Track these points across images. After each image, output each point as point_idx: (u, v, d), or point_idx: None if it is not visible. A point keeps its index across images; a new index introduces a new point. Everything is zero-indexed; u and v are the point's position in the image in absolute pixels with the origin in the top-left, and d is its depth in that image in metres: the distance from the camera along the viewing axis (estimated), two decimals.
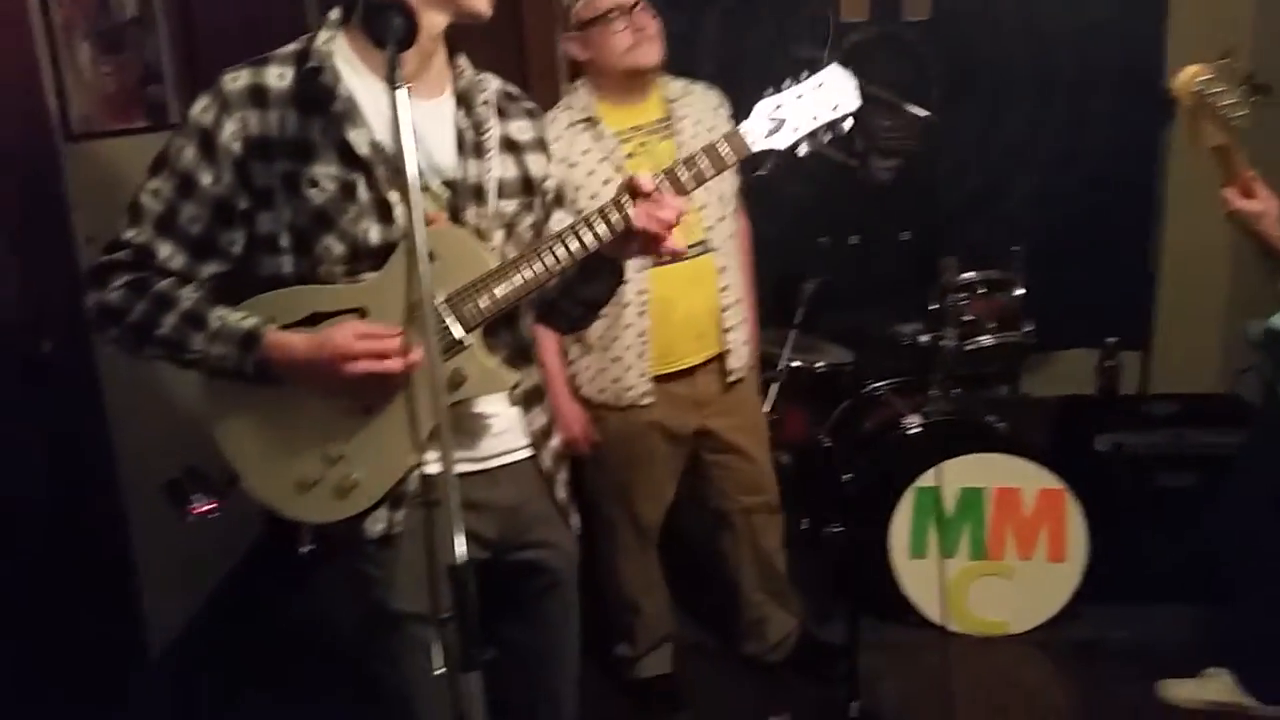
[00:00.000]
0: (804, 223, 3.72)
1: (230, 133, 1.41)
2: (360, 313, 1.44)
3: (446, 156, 1.50)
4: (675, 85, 2.41)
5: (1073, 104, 3.81)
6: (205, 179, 1.42)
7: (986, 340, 3.07)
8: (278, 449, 1.48)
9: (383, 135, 1.44)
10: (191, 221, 1.43)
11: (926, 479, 2.82)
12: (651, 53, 2.28)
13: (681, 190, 1.48)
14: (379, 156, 1.43)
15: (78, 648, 2.25)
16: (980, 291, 3.10)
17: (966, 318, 3.07)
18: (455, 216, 1.49)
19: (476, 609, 1.13)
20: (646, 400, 2.41)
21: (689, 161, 1.48)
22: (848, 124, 1.51)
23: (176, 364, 1.46)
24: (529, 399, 1.61)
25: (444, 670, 1.15)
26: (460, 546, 1.11)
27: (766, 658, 2.76)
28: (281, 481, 1.48)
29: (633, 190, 1.45)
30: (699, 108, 2.39)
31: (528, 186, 1.59)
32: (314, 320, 1.44)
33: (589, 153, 2.27)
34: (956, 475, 2.82)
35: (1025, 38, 3.77)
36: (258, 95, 1.42)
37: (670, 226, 1.45)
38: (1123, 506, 2.97)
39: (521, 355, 1.59)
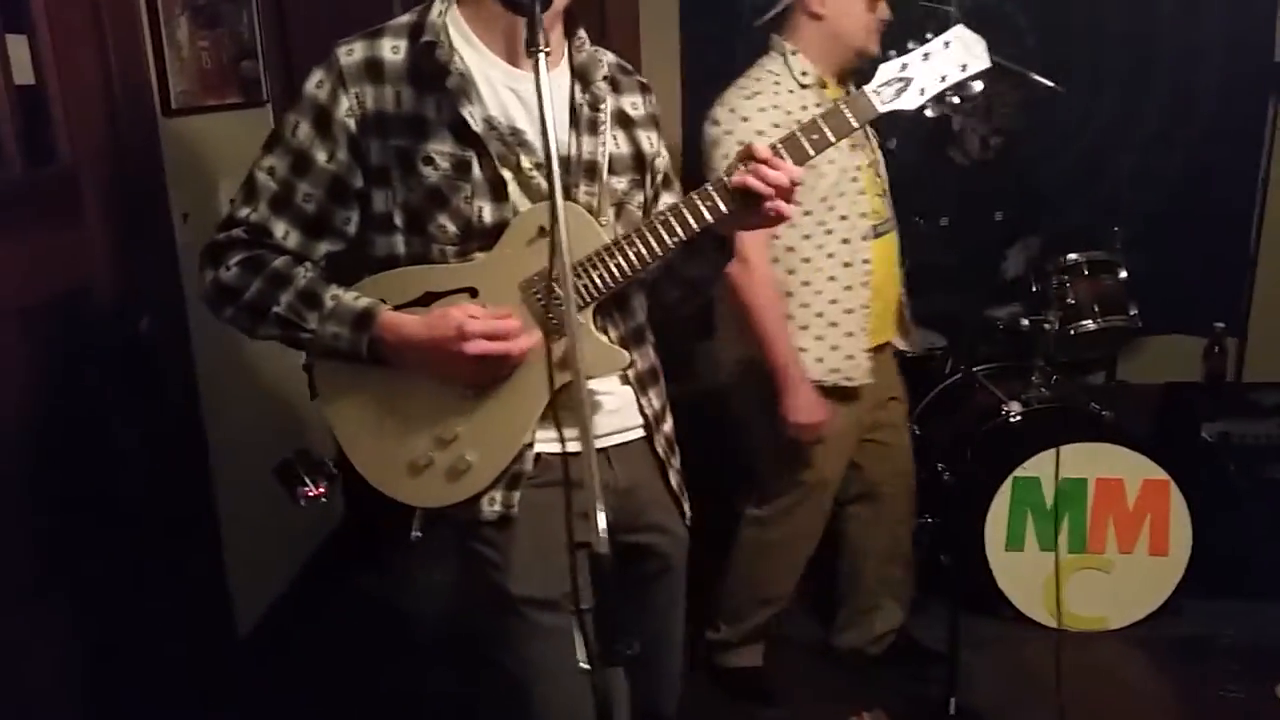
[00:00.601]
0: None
1: (346, 109, 1.38)
2: (471, 292, 1.41)
3: (559, 131, 1.44)
4: None
5: (1175, 78, 3.64)
6: (320, 156, 1.39)
7: (1090, 324, 2.95)
8: (389, 432, 1.45)
9: (496, 111, 1.40)
10: (306, 199, 1.40)
11: (1026, 469, 2.72)
12: (876, 44, 2.23)
13: (804, 157, 1.41)
14: (492, 134, 1.39)
15: (167, 626, 2.26)
16: (1084, 274, 2.98)
17: (1069, 300, 2.95)
18: (566, 193, 1.43)
19: (619, 597, 1.07)
20: (869, 379, 2.30)
21: (809, 127, 1.41)
22: (978, 85, 1.43)
23: (290, 344, 1.43)
24: (643, 381, 1.56)
25: (585, 664, 1.09)
26: (603, 529, 1.05)
27: (867, 650, 2.67)
28: (394, 465, 1.45)
29: (750, 158, 1.39)
30: None
31: (639, 163, 1.55)
32: (426, 300, 1.41)
33: None
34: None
35: (1127, 8, 3.61)
36: (373, 69, 1.38)
37: (783, 191, 1.38)
38: (1230, 499, 2.87)
39: (635, 336, 1.55)
